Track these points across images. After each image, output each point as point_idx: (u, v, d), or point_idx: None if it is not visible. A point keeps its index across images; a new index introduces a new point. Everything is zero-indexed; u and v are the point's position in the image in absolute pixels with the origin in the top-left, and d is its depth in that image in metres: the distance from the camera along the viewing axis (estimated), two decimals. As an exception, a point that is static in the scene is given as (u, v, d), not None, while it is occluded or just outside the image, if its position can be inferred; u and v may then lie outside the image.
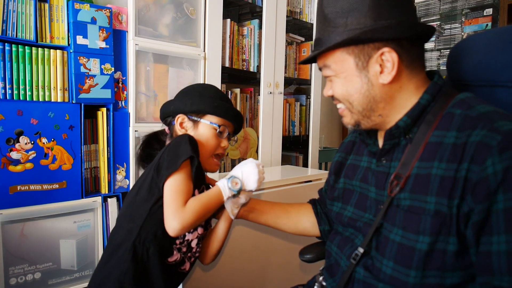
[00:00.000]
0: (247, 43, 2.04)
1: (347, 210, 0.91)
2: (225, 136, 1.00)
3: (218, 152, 1.00)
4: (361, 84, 0.78)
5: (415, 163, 0.75)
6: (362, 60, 0.76)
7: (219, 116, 0.98)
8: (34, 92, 1.31)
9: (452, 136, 0.71)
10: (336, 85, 0.81)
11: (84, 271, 1.45)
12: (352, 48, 0.76)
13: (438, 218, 0.68)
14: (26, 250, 1.32)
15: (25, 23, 1.28)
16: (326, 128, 3.00)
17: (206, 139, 0.98)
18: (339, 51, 0.78)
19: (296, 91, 2.58)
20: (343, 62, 0.78)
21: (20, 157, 1.28)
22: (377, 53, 0.75)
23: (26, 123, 1.28)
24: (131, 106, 1.54)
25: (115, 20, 1.49)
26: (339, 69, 0.79)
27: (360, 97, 0.79)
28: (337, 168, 1.00)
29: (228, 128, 1.00)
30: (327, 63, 0.80)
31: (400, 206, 0.75)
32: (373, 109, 0.79)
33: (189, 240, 0.93)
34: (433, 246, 0.69)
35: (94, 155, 1.48)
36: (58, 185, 1.36)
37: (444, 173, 0.69)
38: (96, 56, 1.41)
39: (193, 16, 1.73)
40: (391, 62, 0.75)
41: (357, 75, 0.77)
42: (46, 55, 1.33)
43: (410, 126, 0.78)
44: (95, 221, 1.47)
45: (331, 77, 0.81)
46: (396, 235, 0.74)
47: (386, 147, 0.82)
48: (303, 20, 2.34)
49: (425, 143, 0.75)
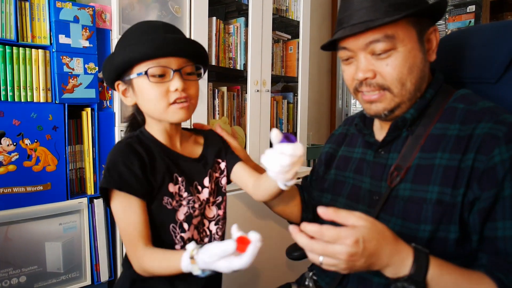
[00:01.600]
0: (234, 41, 2.03)
1: (339, 201, 0.90)
2: (172, 76, 0.77)
3: (173, 99, 0.78)
4: (421, 58, 0.77)
5: (416, 154, 0.76)
6: (421, 34, 0.77)
7: (144, 60, 0.76)
8: (15, 93, 1.28)
9: (455, 129, 0.73)
10: (396, 61, 0.75)
11: (71, 274, 1.43)
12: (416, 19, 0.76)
13: (440, 207, 0.70)
14: (10, 254, 1.29)
15: (5, 22, 1.26)
16: (314, 125, 3.01)
17: (146, 95, 0.79)
18: (406, 20, 0.74)
19: (283, 88, 2.58)
20: (409, 33, 0.75)
21: (2, 159, 1.25)
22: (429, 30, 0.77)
23: (8, 124, 1.26)
24: (116, 105, 1.52)
25: (98, 18, 1.47)
26: (404, 39, 0.74)
27: (418, 74, 0.77)
28: (328, 159, 0.99)
29: (170, 64, 0.77)
30: (390, 32, 0.73)
31: (399, 197, 0.76)
32: (420, 89, 0.79)
33: (190, 237, 0.84)
34: (434, 234, 0.70)
35: (79, 155, 1.46)
36: (42, 187, 1.34)
37: (447, 163, 0.71)
38: (80, 56, 1.39)
39: (178, 15, 1.71)
40: (435, 41, 0.78)
41: (419, 49, 0.76)
42: (28, 55, 1.30)
43: (415, 119, 0.80)
44: (81, 223, 1.45)
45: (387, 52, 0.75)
46: (395, 225, 0.75)
47: (388, 138, 0.82)
48: (289, 17, 2.34)
49: (426, 135, 0.77)
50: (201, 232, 0.86)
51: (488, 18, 2.44)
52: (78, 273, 1.45)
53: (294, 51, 2.39)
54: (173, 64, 0.77)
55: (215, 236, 0.88)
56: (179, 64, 0.78)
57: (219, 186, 0.91)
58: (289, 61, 2.42)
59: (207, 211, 0.87)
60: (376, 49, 0.75)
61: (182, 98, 0.79)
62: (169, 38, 0.77)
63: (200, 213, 0.85)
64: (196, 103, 0.84)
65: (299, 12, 2.35)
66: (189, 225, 0.83)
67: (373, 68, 0.76)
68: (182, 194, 0.83)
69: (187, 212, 0.82)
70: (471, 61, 0.91)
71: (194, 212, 0.83)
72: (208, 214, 0.87)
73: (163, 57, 0.76)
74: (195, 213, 0.84)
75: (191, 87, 0.81)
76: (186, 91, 0.79)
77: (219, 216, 0.89)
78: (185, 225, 0.82)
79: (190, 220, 0.83)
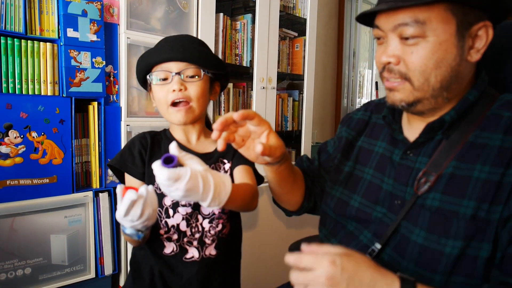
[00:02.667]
0: (240, 38, 2.03)
1: (354, 199, 0.83)
2: (170, 80, 0.86)
3: (171, 99, 0.87)
4: (455, 55, 0.66)
5: (450, 162, 0.69)
6: (464, 27, 0.65)
7: (150, 66, 0.89)
8: (23, 86, 1.29)
9: (497, 139, 0.66)
10: (421, 51, 0.66)
11: (75, 266, 1.44)
12: (458, 7, 0.65)
13: (474, 223, 0.64)
14: (16, 245, 1.30)
15: (14, 15, 1.26)
16: (319, 123, 3.01)
17: (155, 98, 0.92)
18: (444, 6, 0.64)
19: (289, 86, 2.58)
20: (446, 22, 0.65)
21: (9, 151, 1.26)
22: (478, 25, 0.66)
23: (16, 117, 1.26)
24: (122, 100, 1.53)
25: (106, 13, 1.47)
26: (437, 30, 0.65)
27: (447, 72, 0.67)
28: (346, 147, 0.89)
29: (171, 68, 0.86)
30: (421, 18, 0.65)
31: (426, 207, 0.69)
32: (449, 89, 0.69)
33: (175, 225, 0.88)
34: (464, 251, 0.64)
35: (85, 149, 1.47)
36: (48, 180, 1.35)
37: (487, 177, 0.64)
38: (87, 49, 1.39)
39: (185, 10, 1.71)
40: (484, 39, 0.67)
41: (455, 44, 0.66)
42: (36, 48, 1.31)
43: (454, 122, 0.71)
44: (86, 216, 1.46)
45: (415, 39, 0.67)
46: (418, 236, 0.69)
47: (421, 140, 0.74)
48: (296, 15, 2.33)
49: (463, 142, 0.69)
50: (193, 227, 0.89)
51: None
52: (82, 266, 1.46)
53: (301, 48, 2.38)
54: (174, 68, 0.86)
55: (207, 233, 0.89)
56: (179, 68, 0.86)
57: None
58: (295, 58, 2.42)
59: (203, 208, 0.89)
60: (404, 33, 0.67)
61: (180, 98, 0.86)
62: (168, 46, 0.87)
63: (190, 204, 0.88)
64: (199, 106, 0.89)
65: (306, 9, 2.35)
66: (174, 212, 0.88)
67: (399, 53, 0.69)
68: None
69: (174, 199, 0.88)
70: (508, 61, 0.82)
71: (181, 201, 0.88)
72: (203, 210, 0.90)
73: (164, 63, 0.86)
74: (182, 202, 0.88)
75: (191, 88, 0.87)
76: (185, 92, 0.86)
77: (214, 214, 0.90)
78: (170, 211, 0.88)
79: (176, 207, 0.88)
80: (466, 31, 0.66)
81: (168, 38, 0.93)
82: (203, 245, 0.89)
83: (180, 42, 0.89)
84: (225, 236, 0.93)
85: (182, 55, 0.86)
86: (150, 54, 0.89)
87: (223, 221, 0.92)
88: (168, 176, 0.62)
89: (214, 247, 0.90)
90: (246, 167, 0.94)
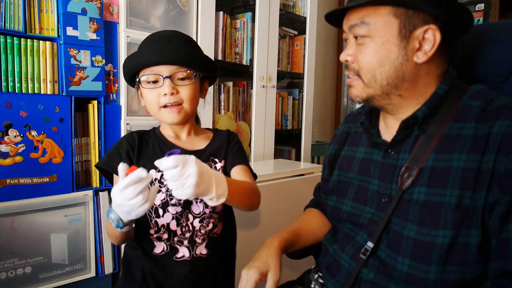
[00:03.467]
0: (240, 36, 2.02)
1: (345, 204, 0.86)
2: (161, 84, 0.85)
3: (163, 103, 0.87)
4: (397, 55, 0.71)
5: (429, 155, 0.72)
6: (406, 29, 0.70)
7: (140, 69, 0.87)
8: (23, 84, 1.29)
9: (471, 128, 0.69)
10: (367, 50, 0.73)
11: (76, 265, 1.44)
12: (401, 11, 0.70)
13: (460, 211, 0.66)
14: (16, 244, 1.30)
15: (13, 13, 1.26)
16: (318, 122, 3.01)
17: (145, 99, 0.90)
18: (386, 9, 0.70)
19: (289, 84, 2.58)
20: (387, 23, 0.70)
21: (9, 150, 1.26)
22: (423, 28, 0.70)
23: (15, 116, 1.26)
24: (122, 99, 1.53)
25: (106, 11, 1.47)
26: (379, 31, 0.71)
27: (390, 70, 0.72)
28: (331, 161, 0.95)
29: (161, 72, 0.85)
30: (367, 20, 0.72)
31: (413, 201, 0.71)
32: (397, 86, 0.74)
33: (165, 225, 0.87)
34: (454, 239, 0.66)
35: (85, 148, 1.47)
36: (48, 179, 1.35)
37: (466, 165, 0.67)
38: (87, 48, 1.39)
39: (185, 8, 1.71)
40: (431, 42, 0.70)
41: (396, 44, 0.71)
42: (36, 47, 1.30)
43: (427, 117, 0.75)
44: (87, 215, 1.46)
45: (364, 39, 0.73)
46: (410, 230, 0.71)
47: (398, 137, 0.77)
48: (296, 13, 2.33)
49: (439, 135, 0.72)
50: (183, 226, 0.89)
51: (497, 16, 2.42)
52: (82, 265, 1.46)
53: (301, 47, 2.38)
54: (164, 72, 0.85)
55: (197, 233, 0.90)
56: (170, 71, 0.85)
57: None
58: (295, 57, 2.41)
59: (194, 206, 0.89)
60: (355, 33, 0.74)
61: (171, 102, 0.86)
62: (158, 49, 0.85)
63: (180, 204, 0.88)
64: (191, 106, 0.90)
65: (306, 8, 2.34)
66: (164, 211, 0.88)
67: (352, 52, 0.75)
68: (163, 181, 0.88)
69: (164, 198, 0.87)
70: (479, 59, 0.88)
71: (171, 200, 0.88)
72: (194, 209, 0.89)
73: (154, 66, 0.85)
74: (172, 202, 0.88)
75: (183, 91, 0.87)
76: (177, 95, 0.86)
77: (205, 214, 0.90)
78: (160, 210, 0.88)
79: (166, 207, 0.88)
80: (410, 33, 0.71)
81: (155, 38, 0.89)
82: (193, 244, 0.89)
83: (170, 44, 0.87)
84: (216, 236, 0.93)
85: (173, 58, 0.85)
86: (139, 55, 0.87)
87: (214, 220, 0.92)
88: (175, 160, 0.64)
89: (204, 247, 0.90)
90: (243, 166, 0.94)
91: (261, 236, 1.67)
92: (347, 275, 0.80)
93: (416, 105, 0.77)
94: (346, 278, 0.80)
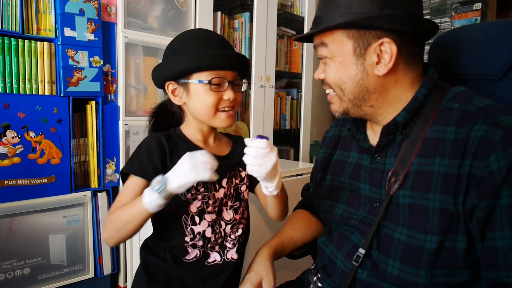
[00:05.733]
0: (238, 36, 2.02)
1: (338, 207, 0.88)
2: (226, 87, 0.86)
3: (222, 106, 0.87)
4: (355, 72, 0.75)
5: (414, 159, 0.73)
6: (360, 47, 0.73)
7: (207, 70, 0.85)
8: (21, 85, 1.28)
9: (452, 132, 0.70)
10: (329, 69, 0.77)
11: (74, 266, 1.44)
12: (353, 32, 0.73)
13: (445, 216, 0.67)
14: (14, 246, 1.30)
15: (10, 14, 1.26)
16: (317, 121, 3.01)
17: (201, 99, 0.86)
18: (339, 33, 0.74)
19: (287, 84, 2.58)
20: (342, 45, 0.74)
21: (7, 151, 1.25)
22: (377, 43, 0.72)
23: (13, 117, 1.26)
24: (120, 99, 1.52)
25: (103, 12, 1.47)
26: (336, 52, 0.75)
27: (353, 85, 0.76)
28: (324, 165, 0.96)
29: (227, 76, 0.86)
30: (325, 42, 0.76)
31: (400, 204, 0.73)
32: (364, 99, 0.77)
33: (201, 232, 0.87)
34: (441, 244, 0.67)
35: (83, 149, 1.47)
36: (46, 180, 1.35)
37: (447, 170, 0.68)
38: (85, 49, 1.39)
39: (183, 9, 1.71)
40: (389, 54, 0.72)
41: (353, 62, 0.74)
42: (33, 47, 1.30)
43: (408, 121, 0.76)
44: (85, 216, 1.46)
45: (326, 59, 0.78)
46: (401, 234, 0.72)
47: (382, 143, 0.78)
48: (294, 13, 2.33)
49: (422, 139, 0.73)
50: (216, 233, 0.89)
51: (494, 15, 2.42)
52: (81, 266, 1.45)
53: (299, 47, 2.38)
54: (229, 76, 0.86)
55: (228, 238, 0.91)
56: (233, 77, 0.87)
57: (238, 192, 0.94)
58: (293, 57, 2.41)
59: (224, 213, 0.90)
60: (319, 54, 0.79)
61: (230, 106, 0.88)
62: (230, 54, 0.87)
63: (215, 211, 0.88)
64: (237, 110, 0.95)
65: (304, 7, 2.34)
66: (200, 219, 0.86)
67: (322, 71, 0.80)
68: (199, 189, 0.87)
69: (200, 206, 0.86)
70: (473, 58, 0.88)
71: (207, 208, 0.87)
72: (225, 216, 0.91)
73: (223, 70, 0.86)
74: (208, 209, 0.87)
75: (238, 97, 0.90)
76: (234, 100, 0.89)
77: (235, 220, 0.92)
78: (196, 218, 0.86)
79: (202, 214, 0.86)
80: (365, 50, 0.74)
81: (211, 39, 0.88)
82: (224, 249, 0.90)
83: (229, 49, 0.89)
84: (244, 241, 0.94)
85: (240, 66, 0.88)
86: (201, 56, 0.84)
87: (243, 226, 0.93)
88: (266, 143, 0.73)
89: (235, 251, 0.91)
90: None
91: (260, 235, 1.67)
92: (342, 275, 0.81)
93: (393, 111, 0.77)
94: (342, 278, 0.81)
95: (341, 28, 0.74)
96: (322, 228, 1.02)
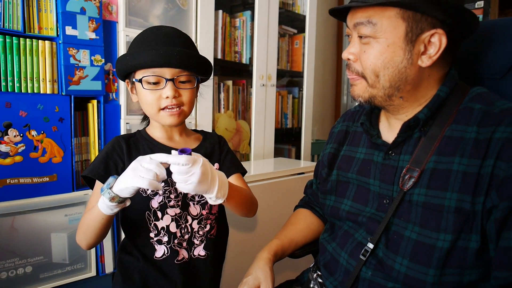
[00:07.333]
0: (240, 35, 2.02)
1: (344, 203, 0.86)
2: (164, 85, 0.84)
3: (164, 105, 0.85)
4: (401, 58, 0.70)
5: (431, 157, 0.71)
6: (413, 32, 0.69)
7: (141, 69, 0.84)
8: (22, 84, 1.28)
9: (473, 131, 0.68)
10: (372, 50, 0.71)
11: (76, 265, 1.44)
12: (409, 14, 0.68)
13: (460, 215, 0.66)
14: (16, 244, 1.30)
15: (12, 13, 1.25)
16: (318, 120, 3.01)
17: (141, 98, 0.88)
18: (394, 11, 0.68)
19: (288, 83, 2.57)
20: (395, 26, 0.69)
21: (9, 150, 1.26)
22: (430, 32, 0.69)
23: (15, 116, 1.26)
24: (122, 98, 1.52)
25: (105, 10, 1.47)
26: (385, 33, 0.69)
27: (394, 73, 0.71)
28: (330, 160, 0.94)
29: (164, 74, 0.83)
30: (373, 20, 0.69)
31: (413, 202, 0.71)
32: (399, 89, 0.73)
33: (164, 227, 0.87)
34: (454, 243, 0.66)
35: (85, 147, 1.47)
36: (48, 178, 1.35)
37: (466, 169, 0.67)
38: (86, 47, 1.39)
39: (184, 7, 1.71)
40: (437, 46, 0.69)
41: (401, 47, 0.70)
42: (35, 46, 1.30)
43: (429, 119, 0.75)
44: (87, 214, 1.46)
45: (368, 38, 0.71)
46: (412, 232, 0.71)
47: (400, 139, 0.77)
48: (295, 12, 2.33)
49: (441, 137, 0.72)
50: (182, 228, 0.89)
51: (496, 13, 2.41)
52: (83, 264, 1.46)
53: (300, 45, 2.38)
54: (167, 74, 0.84)
55: (196, 234, 0.90)
56: (173, 74, 0.84)
57: None
58: (294, 55, 2.41)
59: (191, 208, 0.90)
60: (360, 32, 0.72)
61: (173, 105, 0.85)
62: (164, 51, 0.82)
63: (178, 205, 0.88)
64: (190, 109, 0.90)
65: (305, 6, 2.34)
66: (163, 214, 0.88)
67: (356, 51, 0.74)
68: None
69: (162, 201, 0.87)
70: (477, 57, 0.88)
71: (169, 202, 0.87)
72: (191, 211, 0.90)
73: (157, 67, 0.83)
74: (170, 203, 0.88)
75: (184, 94, 0.87)
76: (178, 98, 0.86)
77: (202, 215, 0.91)
78: (159, 213, 0.88)
79: (165, 209, 0.88)
80: (416, 37, 0.69)
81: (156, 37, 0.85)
82: (191, 246, 0.90)
83: (173, 45, 0.84)
84: (213, 237, 0.93)
85: (179, 62, 0.83)
86: (141, 54, 0.83)
87: (211, 221, 0.93)
88: (186, 159, 0.68)
89: (203, 248, 0.91)
90: (239, 175, 0.97)
91: (262, 235, 1.67)
92: (345, 273, 0.80)
93: (416, 106, 0.76)
94: (345, 276, 0.80)
95: (399, 7, 0.68)
96: (323, 227, 1.02)
